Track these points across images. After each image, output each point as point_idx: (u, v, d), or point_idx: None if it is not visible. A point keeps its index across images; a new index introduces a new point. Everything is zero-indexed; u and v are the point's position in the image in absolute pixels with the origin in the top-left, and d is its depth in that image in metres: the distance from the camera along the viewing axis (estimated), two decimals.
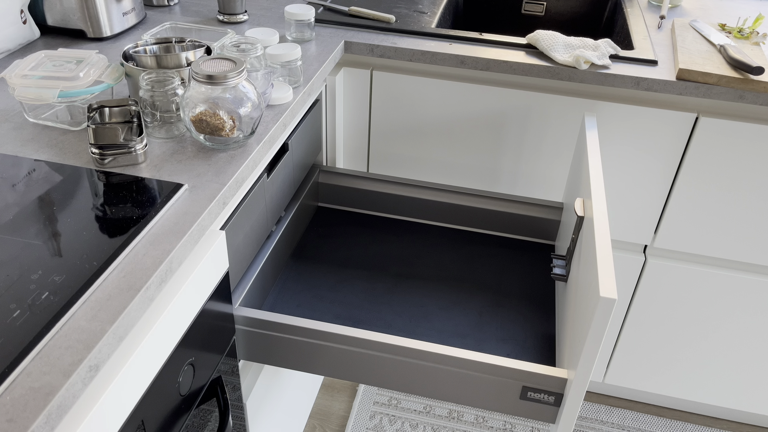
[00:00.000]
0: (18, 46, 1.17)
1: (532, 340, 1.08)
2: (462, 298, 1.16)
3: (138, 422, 0.70)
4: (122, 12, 1.24)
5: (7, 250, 0.70)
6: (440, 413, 1.64)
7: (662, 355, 1.53)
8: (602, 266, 0.82)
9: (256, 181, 1.02)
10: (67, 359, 0.59)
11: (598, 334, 0.80)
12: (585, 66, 1.20)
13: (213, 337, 0.89)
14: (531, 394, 0.93)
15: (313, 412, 1.64)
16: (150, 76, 0.92)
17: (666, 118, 1.23)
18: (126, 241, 0.72)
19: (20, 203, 0.77)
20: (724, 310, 1.43)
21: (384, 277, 1.20)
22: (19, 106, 0.99)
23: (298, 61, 1.09)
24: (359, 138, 1.42)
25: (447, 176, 1.41)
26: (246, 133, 0.91)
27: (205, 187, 0.83)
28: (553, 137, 1.31)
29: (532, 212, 1.30)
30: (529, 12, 1.67)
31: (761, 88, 1.15)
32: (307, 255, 1.25)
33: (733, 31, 1.33)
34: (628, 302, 1.48)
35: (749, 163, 1.24)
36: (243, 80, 0.88)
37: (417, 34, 1.33)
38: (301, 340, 0.97)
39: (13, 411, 0.54)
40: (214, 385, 0.91)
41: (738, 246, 1.34)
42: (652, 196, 1.33)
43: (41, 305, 0.63)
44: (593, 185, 0.97)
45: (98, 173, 0.84)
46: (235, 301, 1.00)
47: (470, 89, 1.29)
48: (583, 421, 1.64)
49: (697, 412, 1.69)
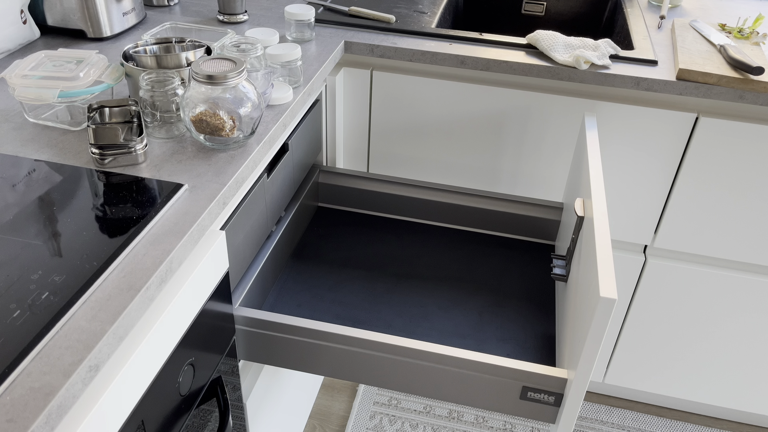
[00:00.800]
0: (18, 46, 1.17)
1: (532, 340, 1.08)
2: (462, 298, 1.16)
3: (138, 422, 0.70)
4: (122, 12, 1.24)
5: (7, 250, 0.70)
6: (440, 413, 1.64)
7: (662, 355, 1.53)
8: (602, 266, 0.82)
9: (256, 181, 1.02)
10: (67, 359, 0.59)
11: (598, 334, 0.80)
12: (585, 66, 1.20)
13: (213, 337, 0.89)
14: (531, 394, 0.93)
15: (313, 412, 1.64)
16: (150, 76, 0.92)
17: (666, 118, 1.23)
18: (126, 241, 0.72)
19: (20, 203, 0.77)
20: (724, 310, 1.43)
21: (384, 277, 1.20)
22: (19, 106, 0.99)
23: (298, 61, 1.09)
24: (359, 138, 1.42)
25: (447, 176, 1.41)
26: (246, 133, 0.91)
27: (205, 187, 0.83)
28: (553, 137, 1.31)
29: (532, 212, 1.30)
30: (529, 12, 1.67)
31: (761, 88, 1.15)
32: (307, 255, 1.25)
33: (733, 31, 1.33)
34: (628, 302, 1.48)
35: (749, 163, 1.24)
36: (243, 80, 0.88)
37: (417, 34, 1.33)
38: (301, 340, 0.97)
39: (13, 411, 0.54)
40: (214, 385, 0.91)
41: (738, 246, 1.34)
42: (652, 196, 1.33)
43: (41, 305, 0.63)
44: (593, 185, 0.97)
45: (98, 173, 0.84)
46: (235, 301, 1.00)
47: (470, 89, 1.29)
48: (583, 421, 1.64)
49: (697, 412, 1.69)
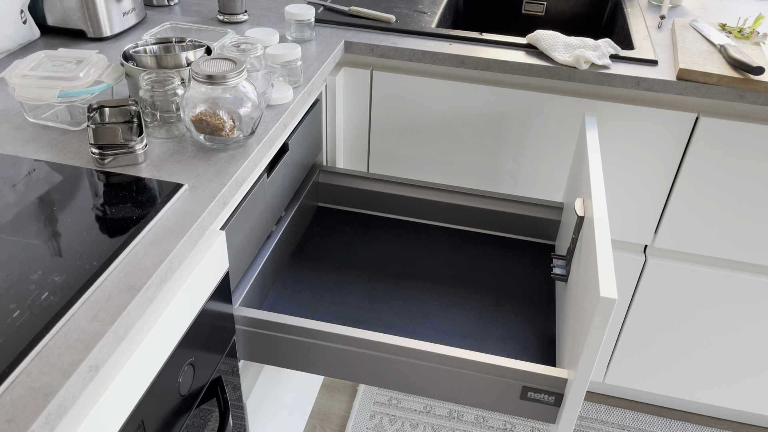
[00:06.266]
0: (18, 46, 1.17)
1: (532, 340, 1.08)
2: (462, 298, 1.16)
3: (138, 422, 0.70)
4: (122, 12, 1.24)
5: (7, 250, 0.70)
6: (440, 413, 1.64)
7: (662, 355, 1.53)
8: (602, 266, 0.82)
9: (256, 181, 1.02)
10: (67, 359, 0.59)
11: (598, 334, 0.80)
12: (585, 66, 1.20)
13: (213, 337, 0.89)
14: (531, 394, 0.93)
15: (313, 412, 1.64)
16: (150, 76, 0.92)
17: (666, 118, 1.23)
18: (126, 241, 0.72)
19: (20, 203, 0.77)
20: (724, 310, 1.43)
21: (384, 277, 1.20)
22: (19, 106, 0.99)
23: (298, 61, 1.09)
24: (359, 138, 1.42)
25: (447, 176, 1.41)
26: (246, 133, 0.91)
27: (205, 187, 0.83)
28: (553, 137, 1.31)
29: (532, 212, 1.30)
30: (529, 12, 1.67)
31: (761, 88, 1.15)
32: (307, 255, 1.25)
33: (733, 31, 1.33)
34: (628, 302, 1.48)
35: (749, 163, 1.24)
36: (243, 80, 0.88)
37: (417, 34, 1.33)
38: (301, 340, 0.97)
39: (13, 411, 0.54)
40: (214, 385, 0.91)
41: (738, 246, 1.34)
42: (652, 196, 1.33)
43: (41, 305, 0.63)
44: (593, 185, 0.97)
45: (98, 173, 0.84)
46: (235, 301, 1.00)
47: (470, 89, 1.29)
48: (583, 421, 1.64)
49: (697, 412, 1.69)
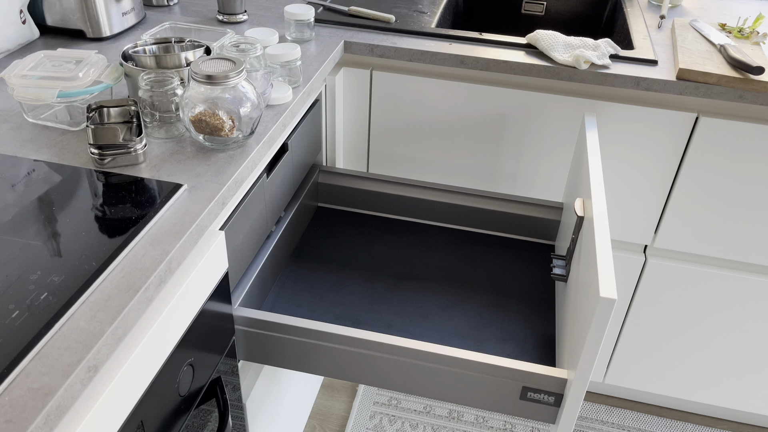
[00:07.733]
0: (17, 46, 1.17)
1: (532, 340, 1.08)
2: (462, 298, 1.16)
3: (137, 423, 0.70)
4: (122, 12, 1.24)
5: (6, 251, 0.70)
6: (440, 413, 1.64)
7: (662, 355, 1.53)
8: (602, 266, 0.82)
9: (256, 181, 1.02)
10: (65, 360, 0.59)
11: (598, 334, 0.80)
12: (585, 66, 1.20)
13: (212, 337, 0.89)
14: (531, 395, 0.93)
15: (313, 412, 1.64)
16: (149, 76, 0.92)
17: (666, 118, 1.23)
18: (125, 242, 0.72)
19: (19, 203, 0.77)
20: (724, 310, 1.43)
21: (384, 277, 1.20)
22: (18, 107, 0.99)
23: (298, 61, 1.09)
24: (359, 138, 1.41)
25: (447, 176, 1.41)
26: (245, 133, 0.91)
27: (205, 188, 0.83)
28: (553, 137, 1.31)
29: (532, 212, 1.30)
30: (529, 12, 1.67)
31: (761, 88, 1.15)
32: (307, 255, 1.25)
33: (733, 31, 1.33)
34: (628, 302, 1.48)
35: (749, 163, 1.24)
36: (242, 80, 0.88)
37: (417, 34, 1.32)
38: (300, 341, 0.97)
39: (12, 412, 0.54)
40: (214, 386, 0.91)
41: (738, 246, 1.34)
42: (652, 196, 1.33)
43: (40, 306, 0.63)
44: (593, 185, 0.97)
45: (97, 173, 0.84)
46: (235, 301, 1.00)
47: (470, 89, 1.29)
48: (583, 421, 1.64)
49: (697, 412, 1.69)
